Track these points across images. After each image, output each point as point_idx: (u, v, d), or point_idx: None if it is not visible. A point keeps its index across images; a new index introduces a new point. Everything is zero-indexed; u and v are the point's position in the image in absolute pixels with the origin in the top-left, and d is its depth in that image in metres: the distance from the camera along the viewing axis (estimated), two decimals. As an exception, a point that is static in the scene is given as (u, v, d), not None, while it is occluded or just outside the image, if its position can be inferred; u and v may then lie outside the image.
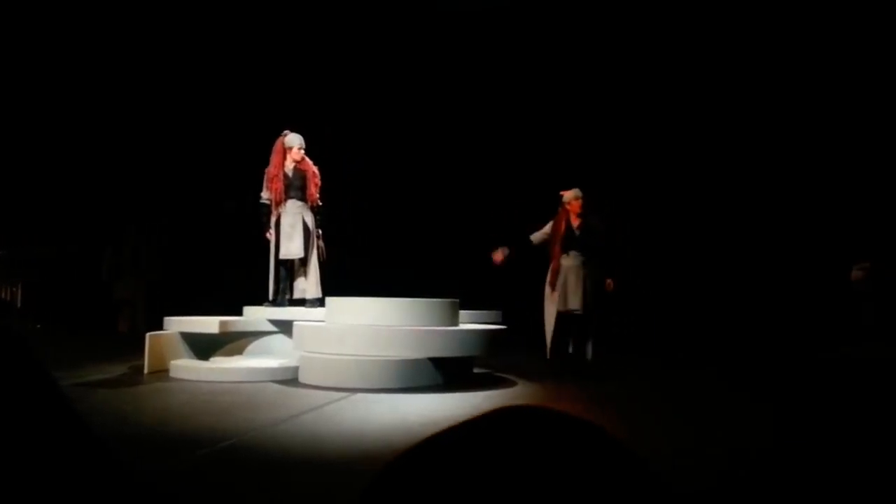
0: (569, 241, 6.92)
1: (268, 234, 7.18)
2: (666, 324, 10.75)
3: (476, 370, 6.65)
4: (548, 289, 6.97)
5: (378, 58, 11.89)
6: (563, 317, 6.85)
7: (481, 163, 11.79)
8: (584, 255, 6.90)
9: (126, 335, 10.12)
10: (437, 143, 11.87)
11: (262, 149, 7.48)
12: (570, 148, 11.32)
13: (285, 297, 7.17)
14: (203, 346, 6.75)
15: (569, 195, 7.02)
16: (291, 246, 7.07)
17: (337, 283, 7.26)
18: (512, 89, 11.88)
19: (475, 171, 11.74)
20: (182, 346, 6.75)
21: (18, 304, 10.91)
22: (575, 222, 6.97)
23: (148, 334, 6.60)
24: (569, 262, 6.91)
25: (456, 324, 6.46)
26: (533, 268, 7.43)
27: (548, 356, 6.92)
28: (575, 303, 6.81)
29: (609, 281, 6.92)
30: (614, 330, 7.63)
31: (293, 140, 7.13)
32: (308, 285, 7.19)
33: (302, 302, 7.17)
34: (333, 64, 11.79)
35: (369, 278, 8.55)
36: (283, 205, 7.09)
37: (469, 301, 7.19)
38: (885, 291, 9.92)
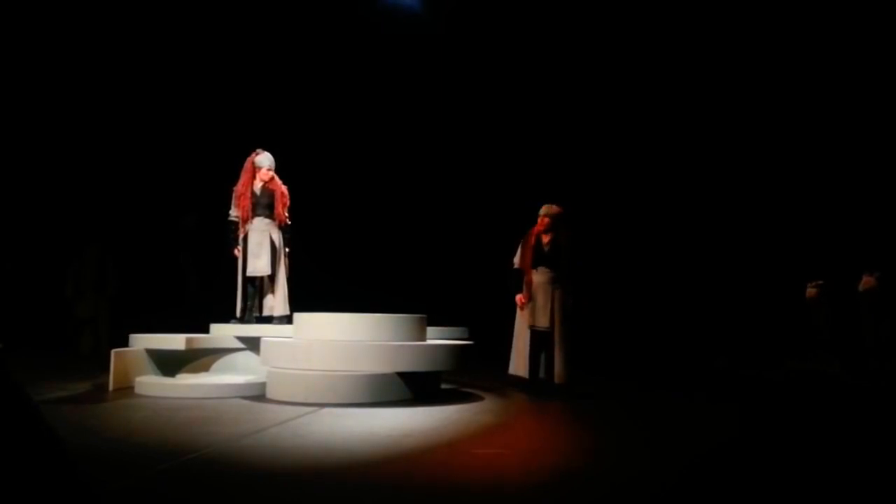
0: (537, 257, 6.84)
1: (235, 252, 7.18)
2: (625, 341, 10.94)
3: (443, 385, 6.68)
4: (518, 304, 6.88)
5: (346, 74, 11.96)
6: (533, 333, 6.75)
7: (450, 180, 11.88)
8: (553, 272, 6.79)
9: (88, 354, 9.96)
10: (405, 160, 11.95)
11: (224, 165, 7.49)
12: (540, 166, 11.48)
13: (252, 314, 7.16)
14: (169, 364, 6.69)
15: (542, 210, 6.95)
16: (258, 263, 7.07)
17: (304, 299, 7.26)
18: (478, 109, 12.02)
19: (445, 187, 11.82)
20: (147, 363, 6.69)
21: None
22: (545, 238, 6.88)
23: (113, 351, 6.53)
24: (538, 277, 6.81)
25: (423, 339, 6.49)
26: (500, 285, 7.48)
27: (510, 371, 6.82)
28: (543, 320, 6.71)
29: (569, 300, 6.77)
30: (583, 348, 7.55)
31: (263, 160, 7.15)
32: (276, 302, 7.18)
33: (270, 319, 7.16)
34: (299, 79, 11.83)
35: (337, 294, 8.56)
36: (250, 222, 7.11)
37: (436, 318, 7.22)
38: (837, 307, 10.20)
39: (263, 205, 7.12)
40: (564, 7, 11.56)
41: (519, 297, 6.90)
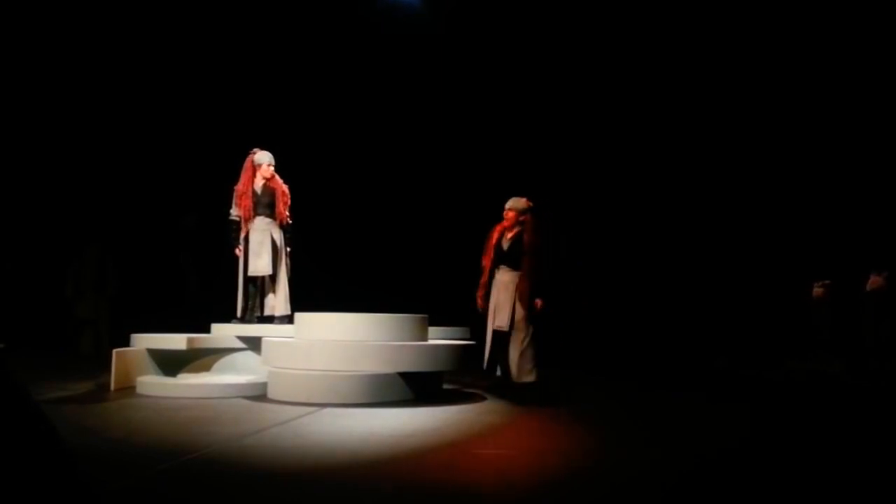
0: (497, 255, 6.61)
1: (237, 251, 7.18)
2: (614, 340, 10.94)
3: (445, 386, 6.68)
4: (478, 304, 6.74)
5: (346, 74, 11.95)
6: (496, 334, 6.58)
7: (451, 180, 11.87)
8: (515, 271, 6.52)
9: (89, 354, 9.96)
10: (405, 159, 11.94)
11: (224, 165, 7.50)
12: (541, 166, 11.47)
13: (254, 313, 7.15)
14: (170, 363, 6.69)
15: (508, 203, 6.67)
16: (259, 262, 7.07)
17: (305, 299, 7.26)
18: (479, 108, 12.01)
19: (445, 187, 11.81)
20: (149, 363, 6.69)
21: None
22: (507, 234, 6.63)
23: (114, 351, 6.53)
24: (499, 276, 6.59)
25: (425, 339, 6.48)
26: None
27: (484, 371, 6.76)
28: (502, 320, 6.50)
29: (537, 301, 6.49)
30: (557, 346, 7.35)
31: (262, 158, 7.15)
32: (277, 302, 7.18)
33: (271, 319, 7.15)
34: (299, 79, 11.82)
35: (337, 294, 8.55)
36: (251, 221, 7.11)
37: (438, 318, 7.21)
38: (839, 307, 10.20)
39: (264, 204, 7.12)
40: (563, 8, 11.56)
41: (478, 297, 6.75)
